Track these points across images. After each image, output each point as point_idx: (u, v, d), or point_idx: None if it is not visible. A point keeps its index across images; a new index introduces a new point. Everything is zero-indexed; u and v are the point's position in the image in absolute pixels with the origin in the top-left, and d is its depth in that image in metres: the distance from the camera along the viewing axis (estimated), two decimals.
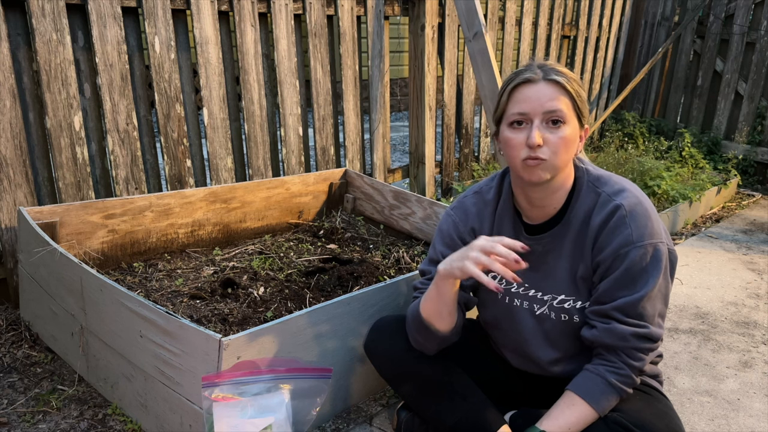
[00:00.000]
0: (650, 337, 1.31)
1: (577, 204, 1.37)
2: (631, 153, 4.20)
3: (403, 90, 7.98)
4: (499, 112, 1.34)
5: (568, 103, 1.28)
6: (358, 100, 3.29)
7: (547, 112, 1.26)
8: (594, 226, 1.34)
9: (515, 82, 1.30)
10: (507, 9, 4.02)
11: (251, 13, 2.74)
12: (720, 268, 3.06)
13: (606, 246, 1.32)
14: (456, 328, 1.45)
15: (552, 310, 1.42)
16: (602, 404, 1.31)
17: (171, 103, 2.57)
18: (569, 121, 1.28)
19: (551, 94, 1.27)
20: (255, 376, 1.42)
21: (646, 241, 1.29)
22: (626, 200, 1.32)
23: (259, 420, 1.40)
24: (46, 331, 2.07)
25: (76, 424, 1.73)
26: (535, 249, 1.42)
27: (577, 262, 1.38)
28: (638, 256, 1.29)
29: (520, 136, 1.28)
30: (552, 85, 1.27)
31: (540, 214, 1.40)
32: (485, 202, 1.50)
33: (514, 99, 1.29)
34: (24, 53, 2.22)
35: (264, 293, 2.13)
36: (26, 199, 2.24)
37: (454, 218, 1.52)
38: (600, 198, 1.35)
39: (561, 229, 1.39)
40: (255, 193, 2.66)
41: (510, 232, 1.46)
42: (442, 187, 3.93)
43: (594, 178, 1.39)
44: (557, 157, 1.28)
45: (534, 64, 1.31)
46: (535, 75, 1.28)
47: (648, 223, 1.31)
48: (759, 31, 4.60)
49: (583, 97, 1.31)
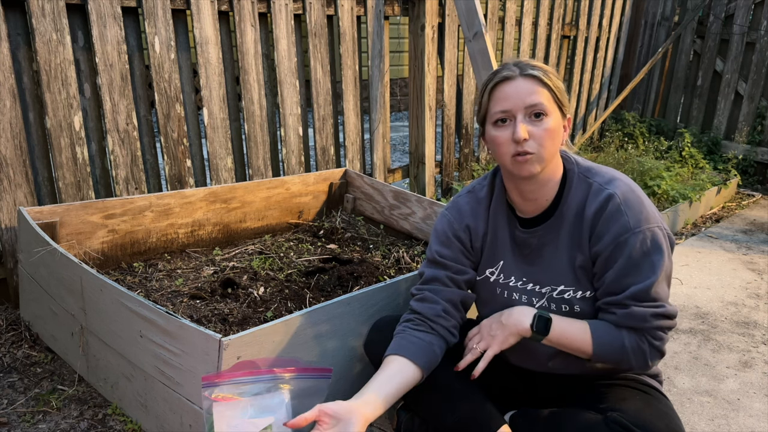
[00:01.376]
0: (668, 314, 1.33)
1: (569, 195, 1.40)
2: (631, 153, 4.20)
3: (403, 90, 7.98)
4: (482, 113, 1.38)
5: (547, 95, 1.31)
6: (358, 100, 3.29)
7: (528, 107, 1.30)
8: (589, 215, 1.36)
9: (494, 81, 1.33)
10: (507, 9, 4.02)
11: (251, 13, 2.74)
12: (720, 268, 3.06)
13: (603, 234, 1.34)
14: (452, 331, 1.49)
15: (552, 301, 1.43)
16: (603, 352, 1.34)
17: (171, 103, 2.57)
18: (551, 112, 1.31)
19: (530, 89, 1.30)
20: (255, 376, 1.42)
21: (643, 226, 1.31)
22: (618, 188, 1.35)
23: (259, 420, 1.40)
24: (46, 331, 2.07)
25: (76, 424, 1.73)
26: (530, 242, 1.45)
27: (574, 253, 1.39)
28: (638, 241, 1.31)
29: (506, 133, 1.32)
30: (530, 79, 1.30)
31: (533, 207, 1.43)
32: (478, 200, 1.52)
33: (495, 98, 1.33)
34: (24, 53, 2.22)
35: (264, 293, 2.13)
36: (26, 199, 2.24)
37: (448, 217, 1.54)
38: (592, 188, 1.38)
39: (555, 221, 1.41)
40: (255, 193, 2.66)
41: (505, 227, 1.49)
42: (442, 187, 3.93)
43: (584, 169, 1.42)
44: (544, 149, 1.31)
45: (509, 63, 1.35)
46: (512, 72, 1.32)
47: (642, 209, 1.33)
48: (759, 31, 4.60)
49: (562, 88, 1.35)
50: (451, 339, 1.49)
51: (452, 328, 1.49)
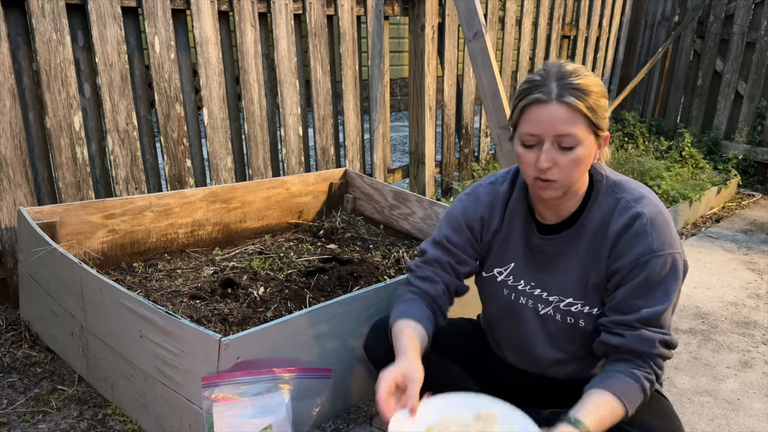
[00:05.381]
0: (672, 344, 1.31)
1: (593, 208, 1.35)
2: (631, 153, 4.20)
3: (403, 90, 7.98)
4: (512, 122, 1.32)
5: (581, 125, 1.23)
6: (358, 100, 3.29)
7: (558, 136, 1.22)
8: (612, 232, 1.32)
9: (528, 100, 1.24)
10: (507, 9, 4.02)
11: (251, 13, 2.74)
12: (720, 268, 3.06)
13: (625, 253, 1.30)
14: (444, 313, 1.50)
15: (558, 311, 1.41)
16: (633, 406, 1.28)
17: (171, 103, 2.57)
18: (582, 140, 1.23)
19: (564, 117, 1.21)
20: (255, 376, 1.42)
21: (666, 251, 1.28)
22: (647, 208, 1.30)
23: (259, 420, 1.40)
24: (46, 331, 2.07)
25: (76, 424, 1.73)
26: (546, 249, 1.41)
27: (590, 268, 1.36)
28: (659, 265, 1.27)
29: (531, 155, 1.26)
30: (565, 107, 1.21)
31: (554, 215, 1.39)
32: (498, 194, 1.48)
33: (526, 118, 1.25)
34: (24, 53, 2.22)
35: (264, 293, 2.13)
36: (26, 199, 2.24)
37: (465, 203, 1.51)
38: (619, 204, 1.33)
39: (575, 232, 1.37)
40: (255, 193, 2.66)
41: (520, 230, 1.45)
42: (442, 187, 3.93)
43: (612, 183, 1.36)
44: (568, 178, 1.26)
45: (551, 74, 1.24)
46: (548, 96, 1.22)
47: (668, 232, 1.29)
48: (759, 31, 4.60)
49: (603, 106, 1.26)
50: (441, 321, 1.50)
51: (445, 311, 1.50)
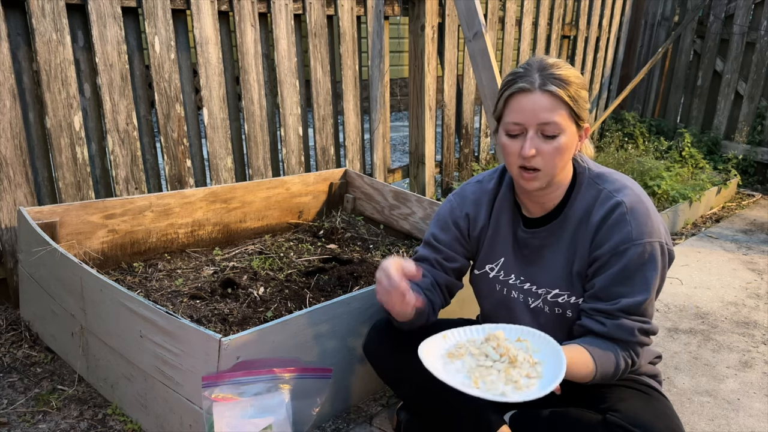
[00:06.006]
0: (651, 331, 1.35)
1: (576, 199, 1.39)
2: (631, 153, 4.20)
3: (403, 90, 7.98)
4: (497, 113, 1.36)
5: (564, 113, 1.27)
6: (358, 100, 3.29)
7: (541, 124, 1.27)
8: (594, 222, 1.35)
9: (511, 90, 1.29)
10: (507, 9, 4.02)
11: (251, 13, 2.74)
12: (720, 268, 3.06)
13: (605, 242, 1.33)
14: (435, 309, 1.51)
15: (546, 303, 1.44)
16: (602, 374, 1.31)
17: (171, 103, 2.57)
18: (565, 129, 1.28)
19: (546, 105, 1.26)
20: (255, 376, 1.42)
21: (645, 239, 1.30)
22: (627, 197, 1.34)
23: (259, 420, 1.40)
24: (46, 331, 2.07)
25: (76, 424, 1.73)
26: (531, 243, 1.45)
27: (573, 258, 1.39)
28: (636, 254, 1.30)
29: (516, 144, 1.30)
30: (548, 95, 1.26)
31: (539, 208, 1.43)
32: (484, 191, 1.52)
33: (510, 107, 1.30)
34: (24, 53, 2.22)
35: (264, 293, 2.13)
36: (26, 199, 2.24)
37: (452, 202, 1.55)
38: (601, 194, 1.37)
39: (558, 224, 1.41)
40: (255, 193, 2.66)
41: (508, 225, 1.49)
42: (442, 187, 3.94)
43: (595, 175, 1.40)
44: (551, 166, 1.30)
45: (533, 66, 1.29)
46: (531, 85, 1.27)
47: (648, 221, 1.32)
48: (759, 31, 4.60)
49: (583, 97, 1.30)
50: (432, 317, 1.51)
51: (436, 306, 1.51)
